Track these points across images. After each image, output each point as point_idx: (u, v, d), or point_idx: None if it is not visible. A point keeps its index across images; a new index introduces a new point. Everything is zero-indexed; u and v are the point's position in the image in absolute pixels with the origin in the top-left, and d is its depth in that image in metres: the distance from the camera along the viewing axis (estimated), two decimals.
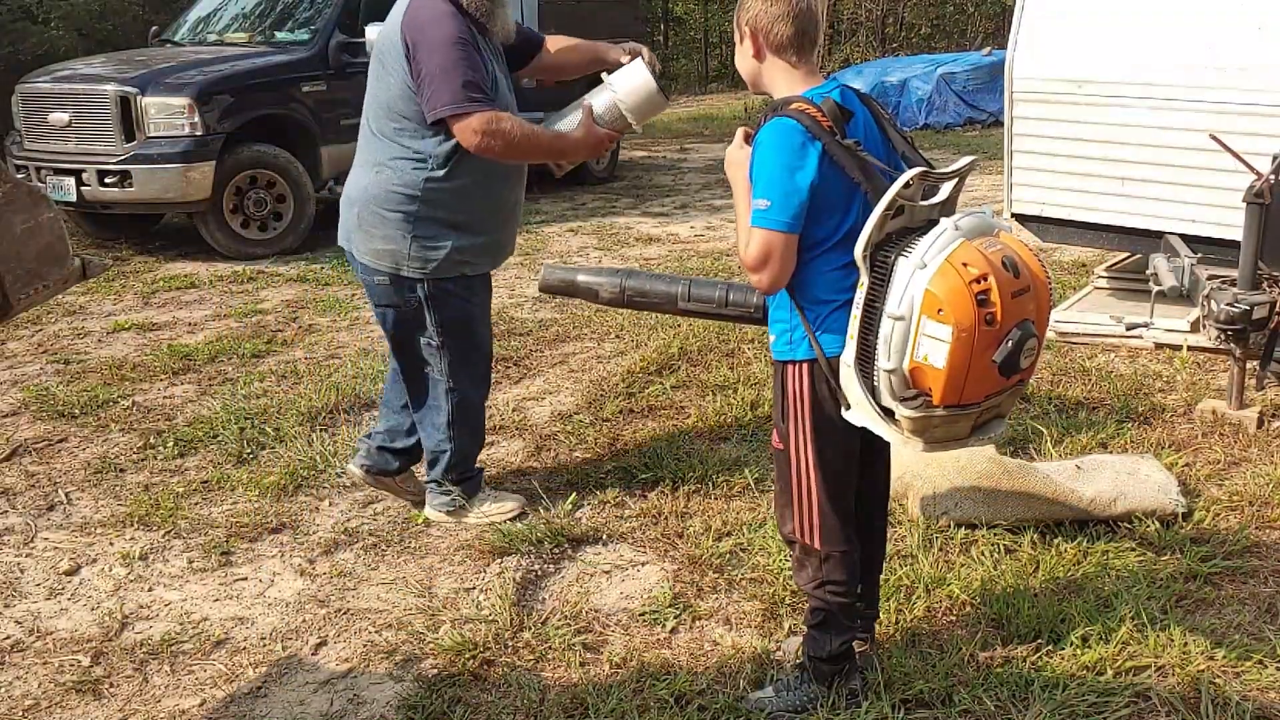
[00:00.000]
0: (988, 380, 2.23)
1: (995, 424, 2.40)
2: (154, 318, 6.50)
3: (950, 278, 2.16)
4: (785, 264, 2.35)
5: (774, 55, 2.45)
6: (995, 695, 2.69)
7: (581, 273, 3.08)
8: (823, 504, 2.53)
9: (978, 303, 2.15)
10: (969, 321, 2.15)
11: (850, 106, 2.39)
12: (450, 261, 3.41)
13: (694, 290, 2.89)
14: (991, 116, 14.67)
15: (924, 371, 2.21)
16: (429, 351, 3.53)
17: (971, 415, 2.29)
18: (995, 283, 2.16)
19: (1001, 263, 2.20)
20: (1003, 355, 2.19)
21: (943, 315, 2.15)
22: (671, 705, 2.71)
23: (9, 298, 2.23)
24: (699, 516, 3.66)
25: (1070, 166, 5.66)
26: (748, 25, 2.45)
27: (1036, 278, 2.28)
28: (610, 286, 2.98)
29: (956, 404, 2.23)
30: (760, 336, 5.43)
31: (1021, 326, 2.22)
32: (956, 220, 2.24)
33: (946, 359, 2.16)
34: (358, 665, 2.97)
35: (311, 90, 8.26)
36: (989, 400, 2.29)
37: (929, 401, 2.22)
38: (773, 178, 2.31)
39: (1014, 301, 2.20)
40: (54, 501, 4.00)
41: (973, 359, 2.17)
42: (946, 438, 2.32)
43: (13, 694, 2.89)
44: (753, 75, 2.52)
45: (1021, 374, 2.28)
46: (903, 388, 2.24)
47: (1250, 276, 4.14)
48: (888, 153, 2.44)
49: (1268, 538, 3.45)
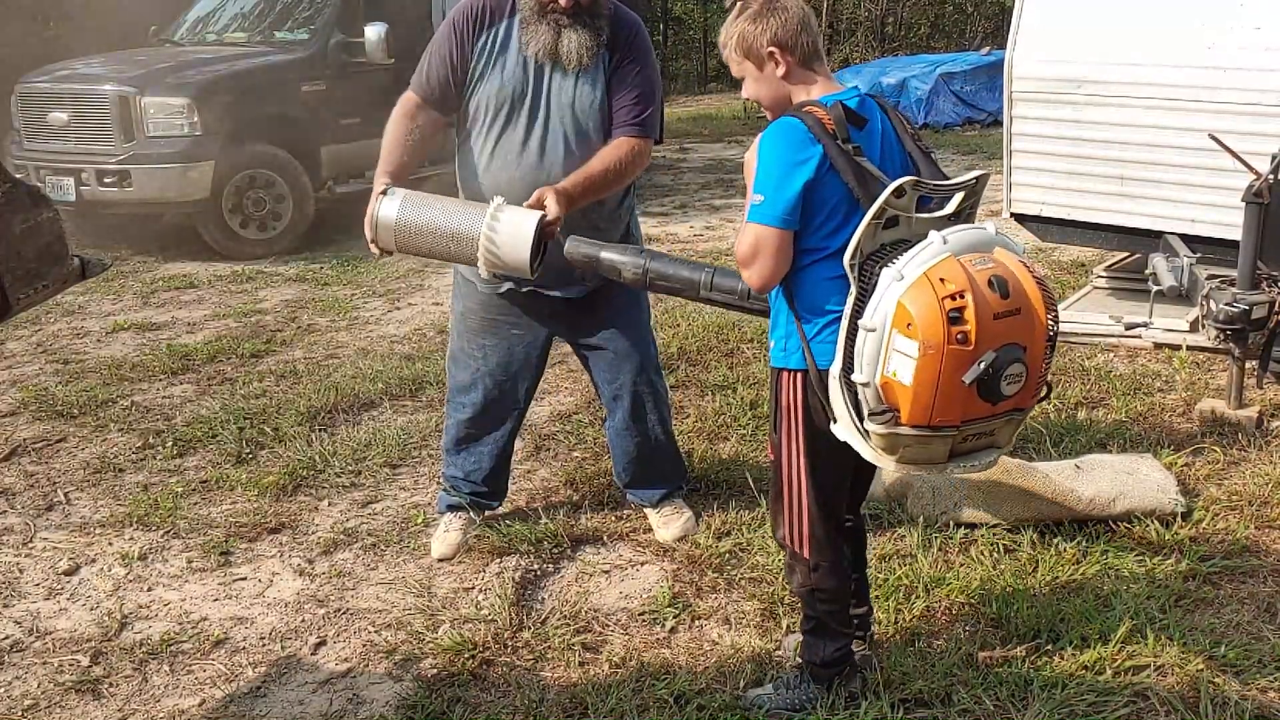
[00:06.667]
0: (961, 403, 2.13)
1: (985, 453, 2.28)
2: (153, 317, 6.50)
3: (924, 292, 2.08)
4: (775, 261, 2.33)
5: (802, 68, 2.41)
6: (995, 695, 2.69)
7: (605, 249, 2.98)
8: (813, 515, 2.52)
9: (949, 320, 2.06)
10: (936, 339, 2.06)
11: (866, 114, 2.36)
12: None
13: (717, 279, 2.83)
14: (990, 116, 14.66)
15: (892, 387, 2.14)
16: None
17: (947, 439, 2.19)
18: (973, 301, 2.06)
19: (988, 281, 2.11)
20: (973, 376, 2.09)
21: (911, 330, 2.08)
22: (671, 705, 2.71)
23: (8, 297, 2.23)
24: (698, 516, 3.66)
25: (1069, 166, 5.66)
26: (772, 45, 2.39)
27: (1030, 302, 2.16)
28: (633, 267, 2.91)
29: (925, 424, 2.15)
30: (760, 336, 5.43)
31: (1004, 350, 2.11)
32: (946, 234, 2.16)
33: (913, 376, 2.09)
34: (357, 665, 2.97)
35: (311, 90, 8.25)
36: (970, 425, 2.19)
37: (897, 418, 2.15)
38: (769, 174, 2.31)
39: (996, 323, 2.10)
40: (53, 501, 4.00)
41: (941, 378, 2.08)
42: (919, 459, 2.23)
43: (12, 694, 2.89)
44: (779, 98, 2.44)
45: (1011, 401, 2.18)
46: (876, 402, 2.18)
47: (1249, 276, 4.13)
48: (904, 164, 2.38)
49: (1267, 537, 3.45)
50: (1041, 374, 2.22)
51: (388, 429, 4.51)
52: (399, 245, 3.05)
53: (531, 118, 3.21)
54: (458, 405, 3.54)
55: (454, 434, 3.57)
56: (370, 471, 4.13)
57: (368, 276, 7.32)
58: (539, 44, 3.15)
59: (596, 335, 3.46)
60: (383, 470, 4.15)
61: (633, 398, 3.49)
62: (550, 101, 3.20)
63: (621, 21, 3.25)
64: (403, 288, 7.02)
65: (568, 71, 3.18)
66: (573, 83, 3.19)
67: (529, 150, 3.21)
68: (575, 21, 3.14)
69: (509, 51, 3.19)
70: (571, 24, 3.14)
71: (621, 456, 3.61)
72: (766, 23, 2.39)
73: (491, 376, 3.46)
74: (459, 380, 3.53)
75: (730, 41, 2.45)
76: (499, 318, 3.42)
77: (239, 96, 7.90)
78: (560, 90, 3.20)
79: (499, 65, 3.20)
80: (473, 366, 3.48)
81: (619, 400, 3.51)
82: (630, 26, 3.27)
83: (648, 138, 3.29)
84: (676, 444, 3.76)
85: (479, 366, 3.47)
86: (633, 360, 3.47)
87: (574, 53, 3.15)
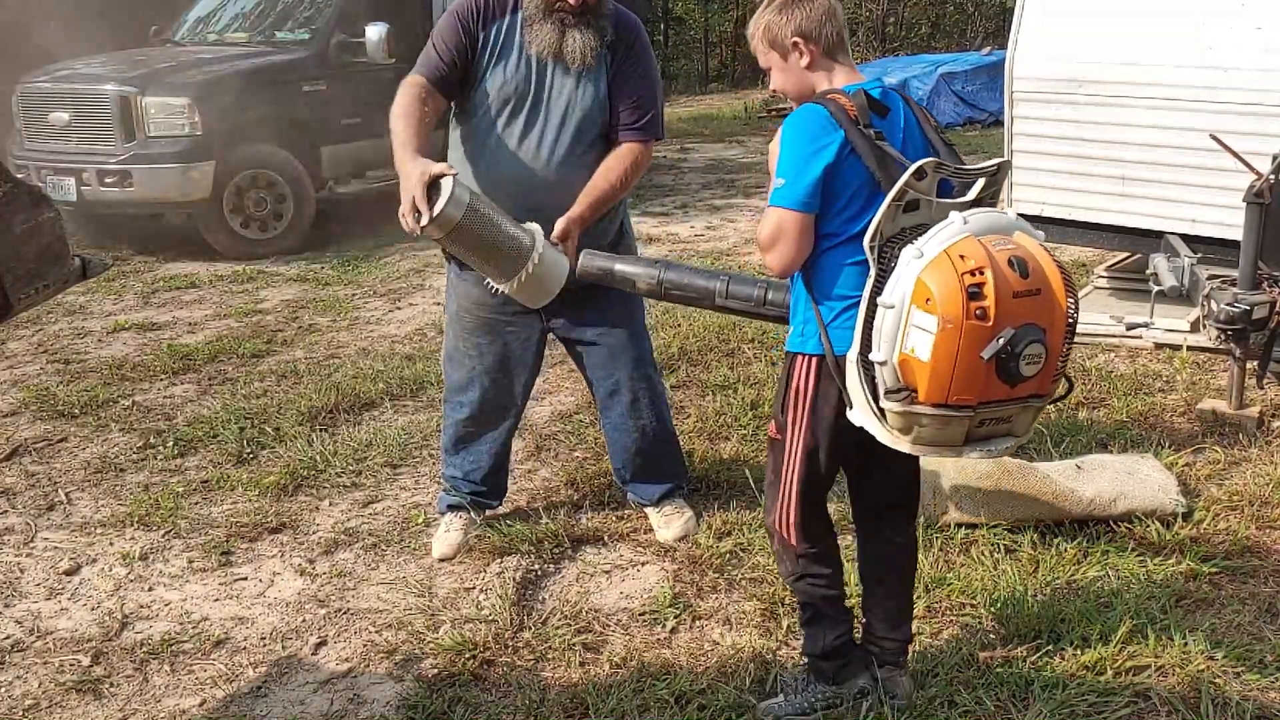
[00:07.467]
0: (980, 381, 2.13)
1: (1001, 440, 2.27)
2: (154, 317, 6.50)
3: (943, 268, 2.09)
4: (797, 245, 2.35)
5: (826, 57, 2.44)
6: (995, 695, 2.69)
7: (620, 261, 2.99)
8: (801, 502, 2.52)
9: (969, 295, 2.06)
10: (956, 313, 2.07)
11: (889, 104, 2.39)
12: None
13: (733, 287, 2.82)
14: (991, 116, 14.64)
15: (910, 365, 2.15)
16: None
17: (964, 420, 2.19)
18: (992, 277, 2.08)
19: (1008, 261, 2.13)
20: (992, 352, 2.09)
21: (930, 305, 2.09)
22: (671, 705, 2.71)
23: (9, 298, 2.24)
24: (699, 516, 3.66)
25: (1070, 166, 5.65)
26: (796, 36, 2.42)
27: (1051, 285, 2.16)
28: (648, 278, 2.91)
29: (943, 402, 2.15)
30: (760, 337, 5.43)
31: (1023, 330, 2.11)
32: (967, 215, 2.19)
33: (931, 351, 2.10)
34: (358, 665, 2.98)
35: (311, 90, 8.25)
36: (987, 408, 2.19)
37: (914, 397, 2.16)
38: (790, 158, 2.33)
39: (1015, 302, 2.11)
40: (54, 501, 4.00)
41: (959, 354, 2.09)
42: (936, 440, 2.23)
43: (13, 694, 2.89)
44: (804, 88, 2.47)
45: (1029, 384, 2.18)
46: (893, 380, 2.18)
47: (1250, 276, 4.13)
48: (927, 153, 2.37)
49: (1268, 538, 3.45)
50: (1061, 359, 2.22)
51: (388, 429, 4.51)
52: (456, 233, 2.92)
53: (533, 115, 3.21)
54: (455, 405, 3.54)
55: (452, 434, 3.57)
56: (371, 471, 4.14)
57: (368, 276, 7.32)
58: (543, 42, 3.15)
59: (591, 331, 3.46)
60: (383, 470, 4.15)
61: (629, 393, 3.49)
62: (552, 100, 3.20)
63: (622, 22, 3.26)
64: (403, 288, 7.02)
65: (570, 70, 3.18)
66: (575, 82, 3.20)
67: (528, 148, 3.21)
68: (580, 21, 3.15)
69: (511, 49, 3.20)
70: (576, 23, 3.15)
71: (620, 452, 3.61)
72: (791, 14, 2.42)
73: (489, 375, 3.46)
74: (455, 380, 3.53)
75: (757, 33, 2.49)
76: (494, 316, 3.42)
77: (240, 96, 7.89)
78: (562, 89, 3.20)
79: (501, 62, 3.20)
80: (469, 365, 3.48)
81: (615, 396, 3.51)
82: (631, 27, 3.27)
83: (649, 142, 3.32)
84: (677, 440, 3.76)
85: (475, 365, 3.47)
86: (628, 355, 3.47)
87: (578, 52, 3.15)
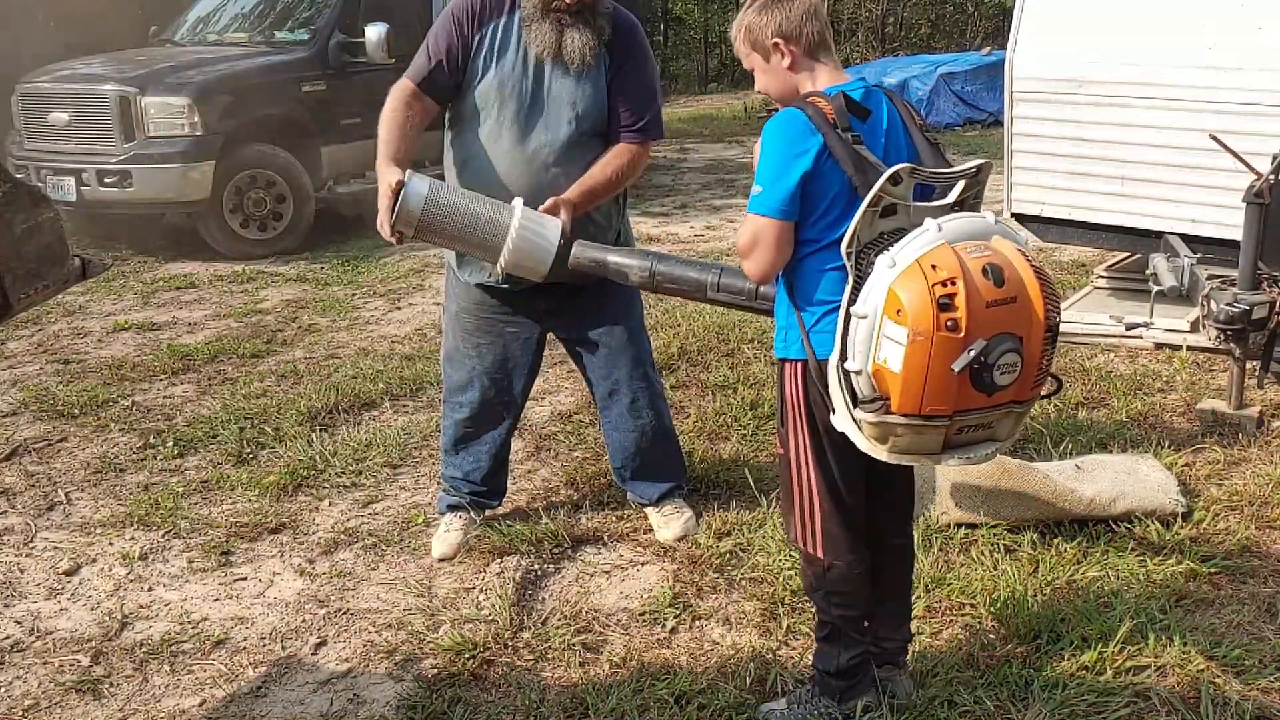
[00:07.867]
0: (953, 392, 2.10)
1: (983, 446, 2.25)
2: (154, 317, 6.50)
3: (915, 278, 2.06)
4: (774, 252, 2.34)
5: (808, 58, 2.41)
6: (995, 695, 2.69)
7: (613, 253, 2.99)
8: (825, 511, 2.47)
9: (939, 306, 2.04)
10: (926, 326, 2.05)
11: (871, 105, 2.36)
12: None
13: (725, 280, 2.82)
14: (991, 116, 14.64)
15: (883, 375, 2.13)
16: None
17: (940, 429, 2.16)
18: (964, 287, 2.05)
19: (982, 269, 2.09)
20: (962, 364, 2.07)
21: (901, 316, 2.07)
22: (671, 705, 2.71)
23: (9, 298, 2.24)
24: (698, 516, 3.66)
25: (1070, 166, 5.65)
26: (776, 36, 2.39)
27: (1027, 291, 2.12)
28: (640, 270, 2.91)
29: (916, 413, 2.13)
30: (760, 336, 5.44)
31: (996, 339, 2.08)
32: (941, 221, 2.15)
33: (902, 363, 2.08)
34: (358, 665, 2.98)
35: (311, 90, 8.26)
36: (965, 415, 2.16)
37: (887, 407, 2.14)
38: (768, 165, 2.32)
39: (989, 311, 2.07)
40: (54, 501, 4.00)
41: (930, 366, 2.06)
42: (913, 449, 2.21)
43: (13, 694, 2.89)
44: (787, 89, 2.45)
45: (1007, 392, 2.15)
46: (868, 389, 2.17)
47: (1250, 276, 4.13)
48: (911, 156, 2.36)
49: (1268, 538, 3.45)
50: (1041, 366, 2.19)
51: (388, 429, 4.51)
52: (421, 226, 2.97)
53: (531, 115, 3.21)
54: (454, 405, 3.54)
55: (452, 434, 3.57)
56: (371, 471, 4.14)
57: (368, 276, 7.32)
58: (542, 42, 3.15)
59: (591, 331, 3.45)
60: (383, 470, 4.15)
61: (628, 392, 3.49)
62: (550, 99, 3.20)
63: (621, 22, 3.26)
64: (403, 288, 7.02)
65: (569, 70, 3.18)
66: (573, 81, 3.20)
67: (527, 147, 3.21)
68: (578, 20, 3.15)
69: (509, 48, 3.19)
70: (574, 23, 3.15)
71: (619, 452, 3.61)
72: (771, 14, 2.40)
73: (488, 375, 3.46)
74: (455, 380, 3.53)
75: (739, 34, 2.47)
76: (493, 316, 3.42)
77: (239, 96, 7.90)
78: (560, 88, 3.20)
79: (498, 61, 3.19)
80: (468, 365, 3.48)
81: (614, 395, 3.51)
82: (629, 28, 3.27)
83: (646, 143, 3.32)
84: (677, 440, 3.76)
85: (474, 365, 3.47)
86: (627, 355, 3.47)
87: (576, 52, 3.15)
